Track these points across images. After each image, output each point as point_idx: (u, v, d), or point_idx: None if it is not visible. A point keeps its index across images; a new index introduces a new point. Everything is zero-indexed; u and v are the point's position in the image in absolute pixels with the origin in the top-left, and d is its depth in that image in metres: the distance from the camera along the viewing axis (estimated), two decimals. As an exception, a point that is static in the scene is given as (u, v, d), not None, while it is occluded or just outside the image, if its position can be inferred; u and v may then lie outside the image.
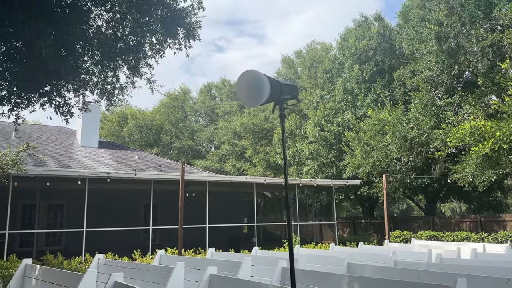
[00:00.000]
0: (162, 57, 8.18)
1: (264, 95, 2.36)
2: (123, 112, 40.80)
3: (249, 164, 31.12)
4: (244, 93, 2.47)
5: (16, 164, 9.79)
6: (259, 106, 2.45)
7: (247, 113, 31.99)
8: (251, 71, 2.42)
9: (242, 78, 2.45)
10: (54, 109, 5.79)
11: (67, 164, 18.47)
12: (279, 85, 2.50)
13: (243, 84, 2.45)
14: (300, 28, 79.37)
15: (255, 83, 2.40)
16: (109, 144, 26.28)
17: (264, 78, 2.39)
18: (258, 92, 2.38)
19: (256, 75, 2.41)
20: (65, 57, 5.06)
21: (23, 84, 5.65)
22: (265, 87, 2.37)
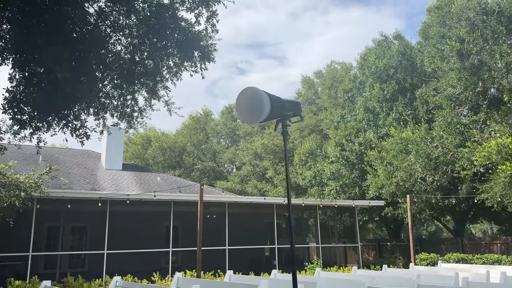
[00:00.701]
0: (179, 79, 8.31)
1: (264, 112, 2.33)
2: (147, 135, 41.56)
3: (270, 185, 30.95)
4: (244, 111, 2.44)
5: (39, 186, 10.02)
6: (259, 123, 2.42)
7: (267, 133, 32.05)
8: (250, 88, 2.41)
9: (242, 96, 2.43)
10: (70, 132, 5.92)
11: (91, 187, 18.80)
12: (280, 102, 2.46)
13: (243, 101, 2.43)
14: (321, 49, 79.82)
15: (254, 100, 2.37)
16: (132, 166, 26.69)
17: (264, 95, 2.37)
18: (258, 109, 2.35)
19: (255, 92, 2.39)
20: (81, 81, 5.20)
21: (42, 108, 5.81)
22: (265, 104, 2.34)
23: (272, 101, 2.36)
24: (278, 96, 2.49)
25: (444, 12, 20.09)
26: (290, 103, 2.57)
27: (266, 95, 2.36)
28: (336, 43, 78.89)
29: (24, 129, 6.91)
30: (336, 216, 25.27)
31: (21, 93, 6.27)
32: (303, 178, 26.22)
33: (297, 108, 2.63)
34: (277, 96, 2.47)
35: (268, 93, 2.39)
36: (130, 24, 7.54)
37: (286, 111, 2.51)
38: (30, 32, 5.06)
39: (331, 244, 23.32)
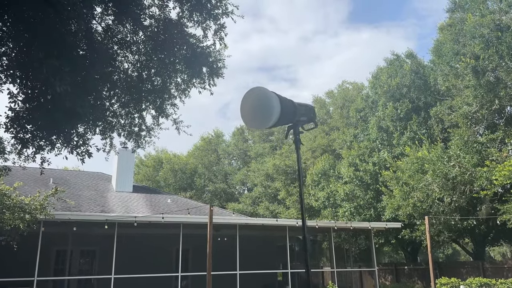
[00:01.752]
0: (187, 96, 8.10)
1: (273, 115, 2.01)
2: (159, 157, 41.53)
3: (282, 207, 30.37)
4: (250, 114, 2.13)
5: (44, 208, 9.77)
6: (267, 128, 2.10)
7: (279, 154, 31.68)
8: (258, 89, 2.10)
9: (248, 97, 2.12)
10: (70, 149, 5.66)
11: (101, 209, 18.55)
12: (291, 105, 2.15)
13: (249, 103, 2.12)
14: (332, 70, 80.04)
15: (262, 102, 2.06)
16: (143, 188, 26.49)
17: (273, 96, 2.05)
18: (266, 112, 2.04)
19: (263, 93, 2.08)
20: (84, 96, 4.97)
21: (43, 125, 5.59)
22: (274, 107, 2.02)
23: (282, 103, 2.05)
24: (290, 99, 2.18)
25: (457, 30, 19.81)
26: (304, 108, 2.26)
27: (276, 97, 2.05)
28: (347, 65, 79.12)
29: (27, 148, 6.71)
30: (351, 238, 24.52)
31: (24, 110, 6.08)
32: (316, 199, 25.64)
33: (312, 113, 2.31)
34: (288, 99, 2.16)
35: (278, 95, 2.09)
36: (138, 40, 7.39)
37: (298, 116, 2.19)
38: (31, 46, 4.87)
39: (347, 269, 22.51)
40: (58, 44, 4.78)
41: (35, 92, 5.17)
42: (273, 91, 2.09)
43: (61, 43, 4.83)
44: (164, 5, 6.63)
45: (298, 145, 2.23)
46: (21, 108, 5.98)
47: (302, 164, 29.72)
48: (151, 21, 7.00)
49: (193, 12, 6.44)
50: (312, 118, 2.31)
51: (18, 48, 5.19)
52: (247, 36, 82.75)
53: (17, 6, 4.94)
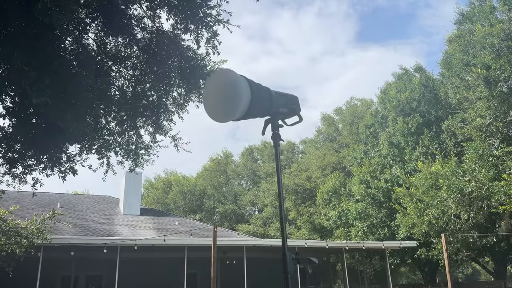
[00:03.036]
0: (185, 111, 7.78)
1: (240, 104, 1.62)
2: (168, 179, 41.25)
3: (293, 228, 29.63)
4: (213, 103, 1.74)
5: (41, 232, 9.42)
6: (234, 121, 1.71)
7: (288, 173, 31.13)
8: (223, 71, 1.72)
9: (211, 83, 1.74)
10: (51, 165, 5.31)
11: (108, 233, 18.19)
12: (267, 94, 1.75)
13: (212, 90, 1.73)
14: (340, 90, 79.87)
15: (227, 89, 1.67)
16: (151, 211, 26.11)
17: (241, 80, 1.66)
18: (232, 101, 1.64)
19: (229, 77, 1.69)
20: (66, 109, 4.65)
21: (28, 142, 5.28)
22: (242, 94, 1.63)
23: (253, 90, 1.67)
24: (265, 86, 1.79)
25: (465, 41, 19.41)
26: (283, 97, 1.87)
27: (245, 81, 1.66)
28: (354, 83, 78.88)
29: (16, 168, 6.40)
30: (365, 259, 23.63)
31: (11, 128, 5.79)
32: (327, 219, 24.92)
33: (294, 104, 1.91)
34: (264, 86, 1.77)
35: (250, 80, 1.70)
36: (131, 54, 7.13)
37: (276, 107, 1.80)
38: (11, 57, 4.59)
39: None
40: (38, 54, 4.50)
41: (16, 107, 4.87)
42: (243, 75, 1.70)
43: (42, 54, 4.55)
44: (156, 16, 6.37)
45: (277, 141, 1.84)
46: (8, 126, 5.70)
47: (312, 183, 29.11)
48: (144, 33, 6.75)
49: (187, 22, 6.17)
50: (295, 110, 1.92)
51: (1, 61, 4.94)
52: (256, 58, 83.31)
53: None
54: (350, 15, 76.11)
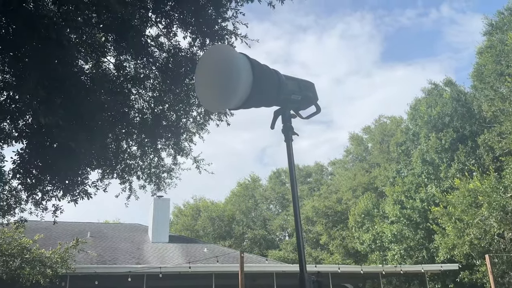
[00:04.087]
0: (206, 132, 7.54)
1: (237, 89, 1.28)
2: (197, 205, 41.11)
3: (326, 253, 28.61)
4: (206, 87, 1.41)
5: (65, 262, 9.25)
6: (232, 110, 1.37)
7: (317, 195, 30.35)
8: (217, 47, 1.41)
9: (204, 62, 1.42)
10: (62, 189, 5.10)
11: (136, 261, 17.98)
12: (274, 77, 1.41)
13: (205, 71, 1.41)
14: (367, 110, 78.80)
15: (221, 68, 1.34)
16: (179, 238, 25.87)
17: (239, 58, 1.33)
18: (227, 84, 1.31)
19: (224, 54, 1.36)
20: (78, 131, 4.47)
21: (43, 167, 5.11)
22: (240, 75, 1.29)
23: (256, 71, 1.33)
24: (273, 69, 1.45)
25: (497, 51, 18.64)
26: (296, 82, 1.52)
27: (244, 60, 1.33)
28: (383, 103, 77.63)
29: (34, 195, 6.26)
30: (403, 284, 22.35)
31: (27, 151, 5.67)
32: (361, 243, 23.90)
33: (309, 91, 1.56)
34: (271, 69, 1.43)
35: (251, 59, 1.37)
36: (149, 75, 7.01)
37: (287, 93, 1.46)
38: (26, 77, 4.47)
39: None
40: (50, 74, 4.37)
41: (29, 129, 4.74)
42: (243, 53, 1.37)
43: (53, 73, 4.42)
44: (172, 33, 6.23)
45: (290, 136, 1.48)
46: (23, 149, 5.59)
47: (343, 205, 28.21)
48: (161, 52, 6.63)
49: (204, 38, 5.99)
50: (311, 98, 1.56)
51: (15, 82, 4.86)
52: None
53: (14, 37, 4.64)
54: (374, 36, 75.84)
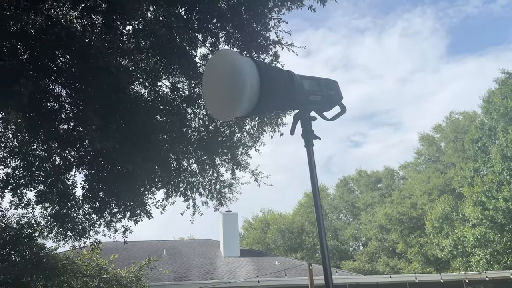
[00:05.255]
0: (260, 144, 7.52)
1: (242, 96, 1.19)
2: (265, 218, 41.21)
3: (404, 261, 27.12)
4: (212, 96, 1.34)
5: (139, 280, 9.63)
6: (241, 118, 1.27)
7: (389, 202, 29.01)
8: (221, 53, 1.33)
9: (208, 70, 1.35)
10: (123, 210, 5.29)
11: (210, 276, 18.34)
12: (286, 79, 1.30)
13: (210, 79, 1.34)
14: (437, 108, 74.47)
15: (225, 75, 1.26)
16: (250, 252, 26.02)
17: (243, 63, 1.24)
18: (232, 91, 1.22)
19: (227, 60, 1.28)
20: (134, 153, 4.63)
21: (108, 190, 5.36)
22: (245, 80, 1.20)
23: (263, 75, 1.22)
24: (286, 70, 1.34)
25: None
26: (314, 82, 1.39)
27: (250, 64, 1.23)
28: (453, 99, 72.97)
29: (103, 218, 6.59)
30: (493, 293, 20.47)
31: (94, 179, 5.99)
32: (441, 249, 22.34)
33: (331, 90, 1.42)
34: (284, 70, 1.32)
35: (258, 61, 1.27)
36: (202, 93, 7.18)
37: (304, 95, 1.34)
38: (82, 108, 4.75)
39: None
40: (103, 102, 4.60)
41: (88, 155, 5.00)
42: (249, 56, 1.28)
43: (107, 101, 4.64)
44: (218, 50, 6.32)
45: (310, 140, 1.35)
46: (87, 175, 5.92)
47: (419, 210, 26.66)
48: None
49: (250, 50, 5.99)
50: (333, 97, 1.41)
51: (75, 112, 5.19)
52: (342, 88, 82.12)
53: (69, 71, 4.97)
54: (437, 29, 71.85)
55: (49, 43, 3.92)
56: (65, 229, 7.24)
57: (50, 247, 8.01)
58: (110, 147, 4.25)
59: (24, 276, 7.17)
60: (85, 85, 4.71)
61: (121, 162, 4.52)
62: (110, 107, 4.60)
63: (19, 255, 7.23)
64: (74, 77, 4.78)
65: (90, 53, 3.77)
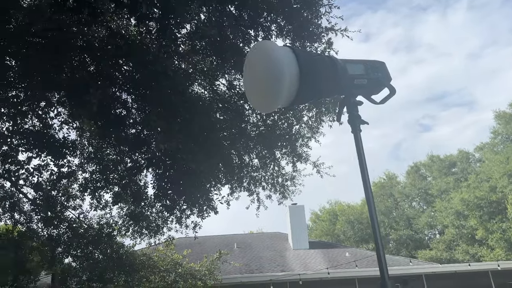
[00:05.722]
0: (319, 134, 7.44)
1: (281, 87, 1.18)
2: (333, 209, 40.68)
3: (485, 249, 25.41)
4: (252, 88, 1.35)
5: (211, 273, 9.98)
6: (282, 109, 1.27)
7: (465, 186, 27.27)
8: (258, 45, 1.32)
9: (248, 63, 1.36)
10: (189, 206, 5.49)
11: (281, 269, 18.54)
12: (328, 65, 1.28)
13: (250, 72, 1.35)
14: (515, 81, 68.45)
15: (263, 67, 1.26)
16: (319, 244, 25.89)
17: (280, 53, 1.23)
18: (271, 83, 1.22)
19: (264, 51, 1.28)
20: (197, 152, 4.80)
21: (175, 188, 5.62)
22: (282, 71, 1.19)
23: (302, 64, 1.20)
24: (327, 55, 1.31)
25: None
26: (359, 65, 1.34)
27: (287, 53, 1.22)
28: (533, 69, 66.70)
29: (173, 214, 6.91)
30: None
31: (163, 179, 6.30)
32: None
33: (378, 72, 1.36)
34: (324, 55, 1.30)
35: (297, 50, 1.25)
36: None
37: (348, 79, 1.30)
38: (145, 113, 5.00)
39: None
40: (164, 105, 4.81)
41: (154, 156, 5.27)
42: (288, 45, 1.27)
43: (168, 104, 4.85)
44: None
45: (357, 126, 1.31)
46: (157, 177, 6.23)
47: (498, 194, 24.79)
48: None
49: (303, 40, 5.93)
50: (380, 80, 1.36)
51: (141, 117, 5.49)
52: (405, 70, 78.18)
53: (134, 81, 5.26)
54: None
55: (112, 53, 4.18)
56: (140, 227, 7.71)
57: (128, 244, 8.57)
58: (173, 147, 4.44)
59: (107, 273, 7.74)
60: (147, 90, 4.95)
61: (185, 161, 4.71)
62: (171, 109, 4.80)
63: (101, 253, 7.81)
64: (137, 84, 5.04)
65: (149, 59, 3.96)
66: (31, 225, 7.63)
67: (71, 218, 7.61)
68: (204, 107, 5.48)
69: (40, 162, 6.00)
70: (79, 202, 7.68)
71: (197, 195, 5.59)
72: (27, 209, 7.73)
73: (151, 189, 6.46)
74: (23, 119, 5.45)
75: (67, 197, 7.47)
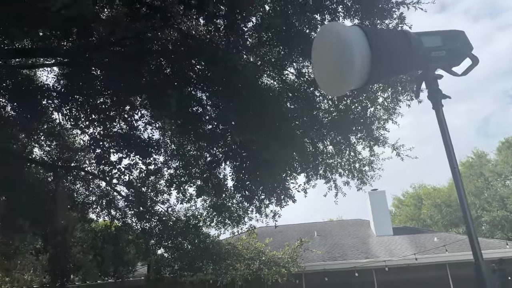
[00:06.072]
0: (397, 115, 7.11)
1: (352, 68, 1.16)
2: (417, 193, 38.79)
3: None
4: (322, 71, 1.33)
5: (294, 261, 10.09)
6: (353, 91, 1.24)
7: None
8: (327, 26, 1.31)
9: (317, 46, 1.33)
10: (266, 196, 5.57)
11: (364, 256, 18.20)
12: (401, 41, 1.23)
13: (319, 55, 1.33)
14: None
15: (332, 49, 1.24)
16: (404, 229, 24.92)
17: (349, 33, 1.20)
18: (341, 65, 1.20)
19: (333, 32, 1.26)
20: (269, 143, 4.88)
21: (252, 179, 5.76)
22: (353, 52, 1.17)
23: (373, 43, 1.16)
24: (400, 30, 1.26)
25: None
26: (435, 37, 1.26)
27: (357, 32, 1.17)
28: None
29: (252, 204, 7.10)
30: None
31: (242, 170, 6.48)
32: None
33: (457, 42, 1.27)
34: (396, 30, 1.26)
35: (366, 28, 1.20)
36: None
37: (425, 52, 1.23)
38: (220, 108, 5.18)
39: None
40: (236, 98, 4.94)
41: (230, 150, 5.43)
42: (357, 24, 1.23)
43: (239, 97, 4.97)
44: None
45: (438, 101, 1.24)
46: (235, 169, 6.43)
47: None
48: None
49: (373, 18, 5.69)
50: (460, 50, 1.27)
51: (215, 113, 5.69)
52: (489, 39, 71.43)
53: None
54: None
55: (185, 54, 4.38)
56: (223, 218, 8.03)
57: (213, 234, 8.99)
58: (248, 139, 4.55)
59: (196, 262, 8.18)
60: (219, 86, 5.11)
61: (259, 152, 4.81)
62: (243, 103, 4.91)
63: (189, 244, 8.28)
64: (209, 81, 5.23)
65: (219, 56, 4.09)
66: (126, 220, 8.31)
67: (160, 212, 8.16)
68: (275, 98, 5.52)
69: (129, 162, 6.51)
70: (167, 196, 8.21)
71: (274, 185, 5.68)
72: (122, 206, 8.43)
73: (230, 181, 6.70)
74: (111, 123, 5.94)
75: (156, 193, 8.02)
